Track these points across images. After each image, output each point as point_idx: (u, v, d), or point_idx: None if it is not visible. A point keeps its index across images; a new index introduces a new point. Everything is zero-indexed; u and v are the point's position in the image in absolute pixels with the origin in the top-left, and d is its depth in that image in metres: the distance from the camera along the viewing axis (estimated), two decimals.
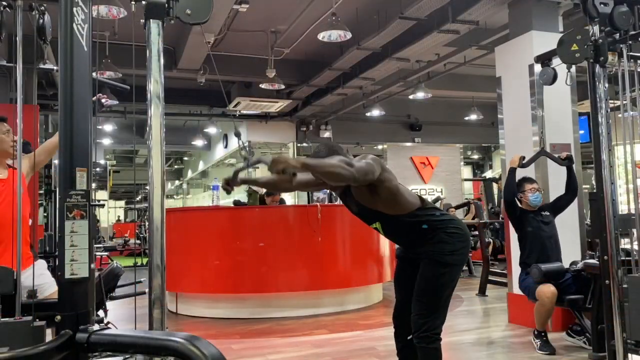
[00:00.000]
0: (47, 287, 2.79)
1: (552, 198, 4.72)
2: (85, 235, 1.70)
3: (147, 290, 1.94)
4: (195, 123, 13.06)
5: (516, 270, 4.68)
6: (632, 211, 3.10)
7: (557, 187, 4.65)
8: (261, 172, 13.58)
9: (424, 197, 2.77)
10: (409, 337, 2.66)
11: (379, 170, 2.48)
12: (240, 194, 11.33)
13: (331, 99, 9.68)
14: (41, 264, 3.03)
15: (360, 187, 2.55)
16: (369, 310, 6.10)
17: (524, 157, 4.46)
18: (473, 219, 8.93)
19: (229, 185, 2.67)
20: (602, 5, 3.15)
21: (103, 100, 3.07)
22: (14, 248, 2.54)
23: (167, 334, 1.52)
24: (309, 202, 10.37)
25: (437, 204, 6.37)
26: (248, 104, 9.60)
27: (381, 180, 2.51)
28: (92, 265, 1.72)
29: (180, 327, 5.51)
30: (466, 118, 11.77)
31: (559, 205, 4.53)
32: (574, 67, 3.38)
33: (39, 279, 1.76)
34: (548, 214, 4.47)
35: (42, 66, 2.77)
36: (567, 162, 4.45)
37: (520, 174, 4.53)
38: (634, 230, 3.12)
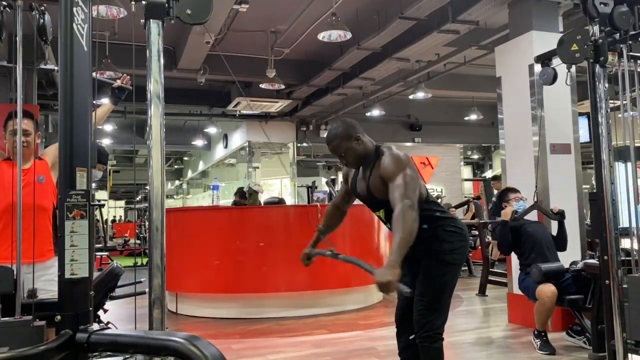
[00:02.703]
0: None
1: (552, 198, 4.72)
2: (85, 235, 1.70)
3: (147, 290, 1.94)
4: (195, 123, 13.06)
5: (516, 270, 4.68)
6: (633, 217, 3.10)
7: (558, 190, 4.65)
8: (261, 172, 13.61)
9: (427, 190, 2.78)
10: (410, 337, 2.66)
11: (416, 173, 2.49)
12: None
13: (331, 99, 9.68)
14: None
15: (379, 182, 2.54)
16: (368, 310, 6.10)
17: (515, 211, 4.51)
18: (473, 218, 8.91)
19: (309, 259, 2.99)
20: (602, 5, 3.15)
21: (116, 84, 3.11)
22: (10, 241, 2.54)
23: (167, 334, 1.52)
24: (309, 202, 10.36)
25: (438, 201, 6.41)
26: (248, 104, 9.61)
27: None
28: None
29: (180, 327, 5.51)
30: (466, 118, 11.77)
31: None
32: (574, 67, 3.38)
33: (52, 284, 1.76)
34: (537, 221, 4.54)
35: (42, 66, 2.77)
36: (558, 217, 4.50)
37: (524, 187, 4.54)
38: (634, 230, 3.12)
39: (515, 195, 4.58)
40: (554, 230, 4.59)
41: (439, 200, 10.08)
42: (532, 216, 4.80)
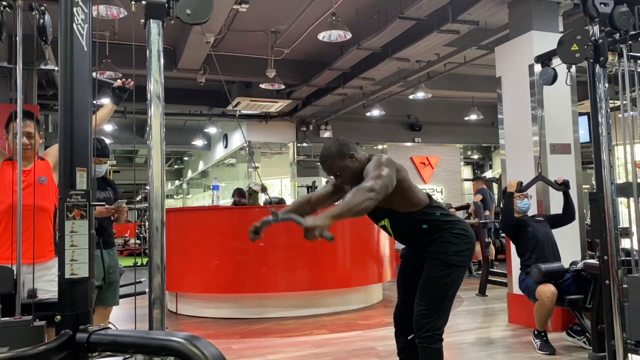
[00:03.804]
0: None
1: (552, 200, 4.73)
2: (85, 235, 1.69)
3: (147, 290, 1.94)
4: (195, 123, 13.06)
5: (516, 270, 4.69)
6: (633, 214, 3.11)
7: (558, 197, 4.65)
8: (261, 172, 13.60)
9: (431, 195, 2.78)
10: (409, 337, 2.66)
11: (394, 175, 2.47)
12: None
13: (331, 99, 9.68)
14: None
15: None
16: (369, 310, 6.10)
17: (521, 182, 4.51)
18: (472, 218, 8.92)
19: (257, 234, 2.69)
20: (602, 5, 3.15)
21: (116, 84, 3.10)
22: (10, 241, 2.53)
23: (167, 334, 1.52)
24: None
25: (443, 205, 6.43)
26: (248, 104, 9.60)
27: (398, 181, 2.52)
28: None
29: (180, 327, 5.51)
30: (466, 118, 11.76)
31: (557, 223, 4.58)
32: (574, 67, 3.38)
33: (52, 284, 1.77)
34: (542, 219, 4.53)
35: (42, 67, 2.78)
36: (563, 187, 4.49)
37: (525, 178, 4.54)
38: (634, 230, 3.12)
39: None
40: (558, 208, 4.57)
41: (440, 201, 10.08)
42: (535, 208, 4.81)
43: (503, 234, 7.80)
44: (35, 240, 2.35)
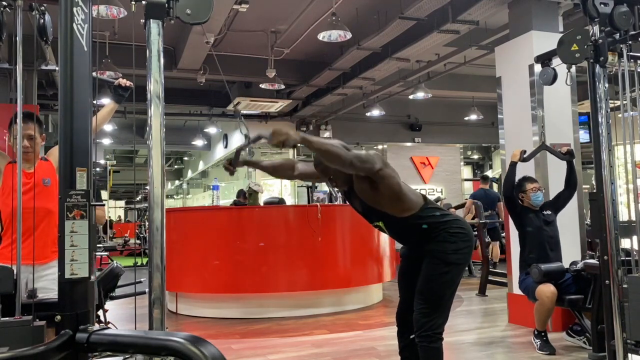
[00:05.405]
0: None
1: (552, 195, 4.72)
2: (86, 235, 1.70)
3: (147, 290, 1.94)
4: (195, 123, 13.06)
5: (516, 270, 4.68)
6: (633, 214, 3.10)
7: (557, 184, 4.66)
8: (261, 172, 13.60)
9: (426, 195, 2.76)
10: (411, 337, 2.65)
11: (379, 164, 2.47)
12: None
13: (331, 99, 9.68)
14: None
15: (362, 184, 2.54)
16: (368, 310, 6.10)
17: (525, 151, 4.46)
18: (473, 218, 8.92)
19: (231, 165, 2.68)
20: (602, 5, 3.15)
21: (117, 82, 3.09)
22: (13, 241, 2.53)
23: (167, 334, 1.52)
24: (309, 202, 10.37)
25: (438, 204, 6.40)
26: (248, 104, 9.60)
27: (382, 177, 2.49)
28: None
29: (180, 327, 5.51)
30: (466, 118, 11.77)
31: (560, 201, 4.52)
32: (574, 67, 3.38)
33: (55, 283, 1.77)
34: (550, 212, 4.46)
35: (42, 67, 2.77)
36: (568, 156, 4.45)
37: (521, 171, 4.53)
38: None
39: (533, 185, 4.43)
40: (560, 186, 4.57)
41: (440, 203, 10.08)
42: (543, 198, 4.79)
43: (503, 235, 7.81)
44: (40, 241, 2.36)
